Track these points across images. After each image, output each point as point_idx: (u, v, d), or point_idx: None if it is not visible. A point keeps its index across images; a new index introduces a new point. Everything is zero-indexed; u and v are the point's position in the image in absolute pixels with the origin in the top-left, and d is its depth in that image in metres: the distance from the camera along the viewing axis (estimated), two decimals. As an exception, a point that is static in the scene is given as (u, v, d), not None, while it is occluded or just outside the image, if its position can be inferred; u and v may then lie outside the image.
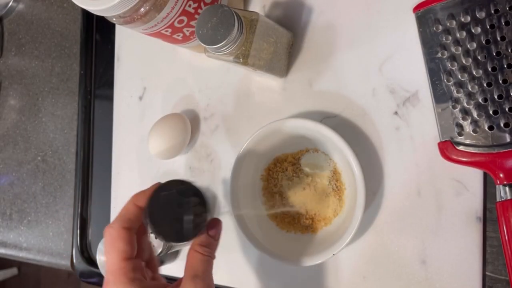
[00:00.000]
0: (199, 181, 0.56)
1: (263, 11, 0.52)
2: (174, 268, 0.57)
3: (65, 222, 0.69)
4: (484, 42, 0.39)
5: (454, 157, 0.40)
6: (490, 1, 0.39)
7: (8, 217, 0.75)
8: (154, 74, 0.61)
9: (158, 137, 0.53)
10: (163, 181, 0.38)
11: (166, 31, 0.46)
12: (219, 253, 0.53)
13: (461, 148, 0.40)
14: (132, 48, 0.63)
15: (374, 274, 0.46)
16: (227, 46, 0.41)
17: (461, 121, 0.40)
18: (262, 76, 0.49)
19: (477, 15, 0.40)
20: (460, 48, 0.40)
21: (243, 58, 0.43)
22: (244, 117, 0.53)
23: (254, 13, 0.43)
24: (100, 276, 0.62)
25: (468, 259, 0.41)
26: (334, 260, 0.45)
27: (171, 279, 0.55)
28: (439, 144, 0.41)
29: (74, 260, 0.66)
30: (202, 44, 0.41)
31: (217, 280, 0.54)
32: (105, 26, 0.66)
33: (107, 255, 0.35)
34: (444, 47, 0.41)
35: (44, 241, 0.71)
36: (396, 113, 0.45)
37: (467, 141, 0.40)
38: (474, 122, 0.40)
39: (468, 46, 0.40)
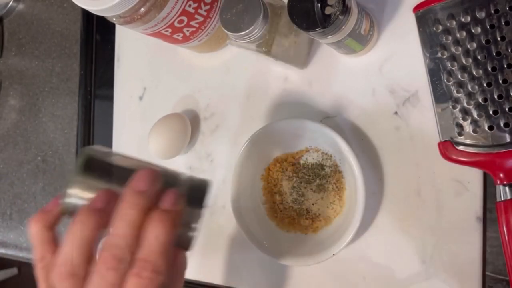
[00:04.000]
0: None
1: None
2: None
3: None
4: (484, 42, 0.39)
5: (454, 157, 0.40)
6: (490, 1, 0.39)
7: (8, 217, 0.75)
8: (154, 74, 0.61)
9: (158, 137, 0.53)
10: None
11: (166, 31, 0.46)
12: (219, 253, 0.53)
13: (461, 148, 0.40)
14: (132, 48, 0.63)
15: (374, 274, 0.45)
16: (251, 35, 0.40)
17: (461, 121, 0.40)
18: (281, 66, 0.49)
19: (477, 15, 0.40)
20: (460, 48, 0.40)
21: (266, 47, 0.42)
22: (244, 117, 0.53)
23: (281, 1, 0.43)
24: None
25: (468, 259, 0.41)
26: (334, 260, 0.45)
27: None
28: (439, 144, 0.41)
29: (74, 260, 0.66)
30: (224, 30, 0.41)
31: (217, 280, 0.54)
32: (105, 26, 0.66)
33: None
34: (444, 47, 0.41)
35: (44, 241, 0.71)
36: (396, 113, 0.45)
37: (467, 141, 0.40)
38: (474, 122, 0.40)
39: (468, 46, 0.40)
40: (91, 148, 0.31)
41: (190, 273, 0.56)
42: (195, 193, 0.31)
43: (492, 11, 0.39)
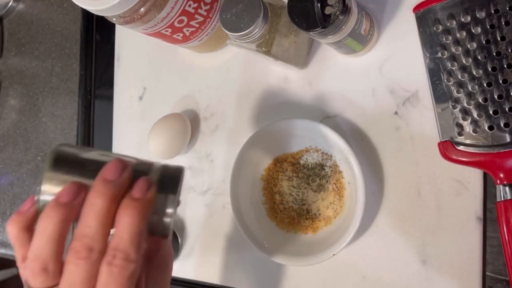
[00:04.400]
0: (199, 181, 0.56)
1: None
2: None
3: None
4: (484, 42, 0.39)
5: (454, 157, 0.40)
6: (490, 1, 0.39)
7: (8, 217, 0.75)
8: (154, 74, 0.61)
9: (158, 137, 0.53)
10: None
11: (166, 31, 0.46)
12: (219, 253, 0.53)
13: (461, 148, 0.40)
14: (132, 48, 0.63)
15: (374, 274, 0.45)
16: (250, 35, 0.40)
17: (461, 121, 0.40)
18: (281, 67, 0.49)
19: (477, 15, 0.40)
20: (460, 48, 0.40)
21: (266, 47, 0.42)
22: (244, 117, 0.53)
23: (281, 1, 0.43)
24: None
25: (468, 259, 0.41)
26: (334, 260, 0.45)
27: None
28: (439, 144, 0.41)
29: (74, 260, 0.66)
30: (224, 30, 0.41)
31: (217, 280, 0.54)
32: (105, 26, 0.66)
33: None
34: (444, 47, 0.41)
35: (44, 241, 0.71)
36: (396, 113, 0.45)
37: (467, 141, 0.40)
38: (474, 122, 0.40)
39: (468, 46, 0.40)
40: (62, 144, 0.31)
41: (190, 273, 0.56)
42: (169, 180, 0.31)
43: (492, 11, 0.39)
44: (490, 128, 0.39)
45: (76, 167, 0.30)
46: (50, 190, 0.30)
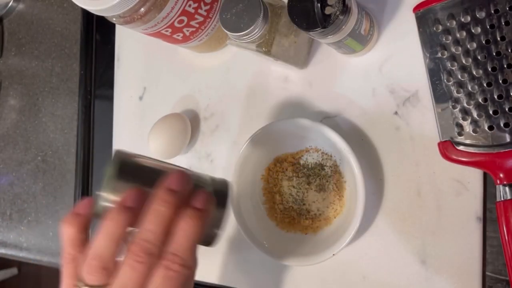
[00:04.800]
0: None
1: None
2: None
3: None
4: (484, 42, 0.39)
5: (454, 157, 0.40)
6: (490, 1, 0.39)
7: (8, 217, 0.75)
8: (154, 74, 0.61)
9: (158, 137, 0.53)
10: None
11: (166, 31, 0.46)
12: (219, 253, 0.53)
13: (461, 148, 0.40)
14: (132, 48, 0.63)
15: (374, 274, 0.45)
16: (250, 35, 0.40)
17: (461, 121, 0.40)
18: (281, 67, 0.49)
19: (477, 15, 0.40)
20: (460, 48, 0.40)
21: (266, 47, 0.42)
22: (244, 117, 0.53)
23: (281, 1, 0.43)
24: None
25: (468, 259, 0.41)
26: (334, 260, 0.45)
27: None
28: (439, 144, 0.41)
29: (74, 260, 0.66)
30: (224, 30, 0.41)
31: (217, 280, 0.54)
32: (105, 26, 0.66)
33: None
34: (444, 47, 0.41)
35: (44, 241, 0.71)
36: (396, 113, 0.45)
37: (467, 141, 0.40)
38: (474, 122, 0.40)
39: (468, 46, 0.40)
40: (121, 151, 0.32)
41: (190, 273, 0.56)
42: (220, 194, 0.32)
43: (492, 11, 0.39)
44: (490, 128, 0.39)
45: (136, 175, 0.32)
46: (110, 197, 0.31)
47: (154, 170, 0.32)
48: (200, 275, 0.55)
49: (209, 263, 0.54)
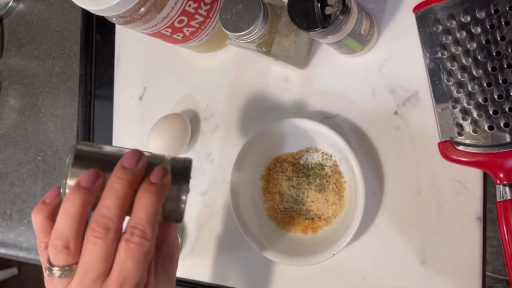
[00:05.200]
0: (199, 181, 0.56)
1: None
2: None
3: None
4: (484, 42, 0.39)
5: (454, 157, 0.40)
6: (490, 1, 0.39)
7: (8, 217, 0.75)
8: (154, 74, 0.61)
9: (158, 137, 0.53)
10: None
11: (166, 31, 0.46)
12: (219, 253, 0.53)
13: (461, 148, 0.40)
14: (132, 48, 0.63)
15: (374, 274, 0.45)
16: (250, 35, 0.40)
17: (461, 121, 0.40)
18: (281, 67, 0.49)
19: (477, 15, 0.40)
20: (460, 48, 0.40)
21: (266, 47, 0.42)
22: (244, 117, 0.53)
23: (281, 1, 0.43)
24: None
25: (468, 259, 0.41)
26: (334, 260, 0.45)
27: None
28: (439, 144, 0.41)
29: (74, 260, 0.66)
30: (224, 30, 0.41)
31: (217, 280, 0.54)
32: (105, 26, 0.66)
33: (136, 267, 0.31)
34: (444, 47, 0.41)
35: (44, 241, 0.71)
36: (396, 113, 0.45)
37: (467, 141, 0.40)
38: (474, 122, 0.40)
39: (468, 46, 0.40)
40: (79, 142, 0.34)
41: (190, 273, 0.56)
42: (180, 170, 0.34)
43: (492, 11, 0.39)
44: (490, 128, 0.39)
45: (96, 160, 0.33)
46: (72, 183, 0.32)
47: (113, 155, 0.33)
48: (200, 275, 0.55)
49: (209, 263, 0.54)
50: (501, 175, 0.39)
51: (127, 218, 0.32)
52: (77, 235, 0.30)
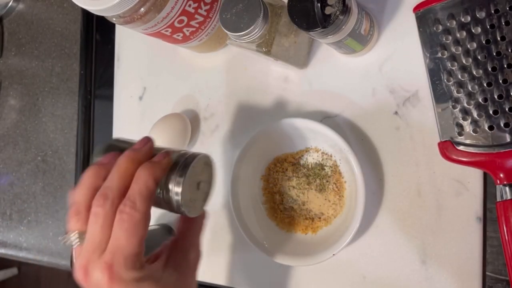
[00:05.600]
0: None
1: None
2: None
3: (65, 222, 0.69)
4: (484, 42, 0.39)
5: (454, 157, 0.40)
6: (490, 1, 0.39)
7: (8, 217, 0.75)
8: (154, 74, 0.61)
9: (158, 137, 0.53)
10: None
11: (166, 31, 0.46)
12: (219, 253, 0.53)
13: (461, 148, 0.40)
14: (132, 48, 0.63)
15: (374, 274, 0.45)
16: (250, 35, 0.40)
17: (461, 121, 0.40)
18: (281, 67, 0.49)
19: (477, 15, 0.40)
20: (460, 48, 0.40)
21: (266, 47, 0.42)
22: (244, 117, 0.53)
23: (281, 1, 0.43)
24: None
25: (468, 259, 0.41)
26: (334, 260, 0.45)
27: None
28: (439, 144, 0.41)
29: (74, 260, 0.66)
30: (224, 30, 0.41)
31: (217, 280, 0.54)
32: (105, 26, 0.66)
33: (127, 239, 0.32)
34: (444, 47, 0.41)
35: (44, 241, 0.71)
36: (396, 113, 0.45)
37: (467, 141, 0.40)
38: (474, 122, 0.40)
39: (468, 46, 0.40)
40: (112, 138, 0.38)
41: (190, 273, 0.56)
42: (183, 164, 0.35)
43: (492, 11, 0.39)
44: (490, 128, 0.39)
45: (118, 150, 0.36)
46: None
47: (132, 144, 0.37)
48: (201, 275, 0.55)
49: (209, 263, 0.54)
50: (501, 175, 0.39)
51: None
52: (86, 202, 0.33)
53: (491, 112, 0.39)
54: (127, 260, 0.31)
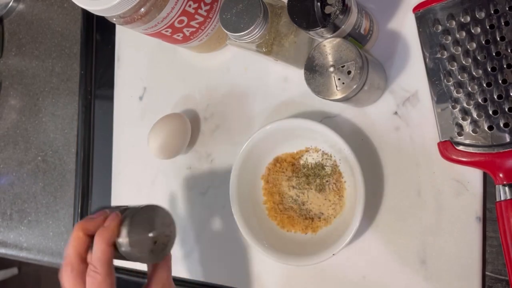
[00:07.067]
0: (199, 181, 0.56)
1: None
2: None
3: (65, 222, 0.69)
4: (483, 42, 0.39)
5: (454, 157, 0.40)
6: (490, 1, 0.39)
7: (9, 217, 0.75)
8: (154, 74, 0.61)
9: (158, 137, 0.53)
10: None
11: (166, 31, 0.46)
12: (219, 253, 0.53)
13: (460, 148, 0.40)
14: (132, 48, 0.63)
15: (374, 274, 0.46)
16: (250, 35, 0.40)
17: (460, 121, 0.40)
18: (281, 67, 0.49)
19: (477, 15, 0.40)
20: (459, 48, 0.40)
21: (266, 47, 0.42)
22: (244, 117, 0.54)
23: (281, 1, 0.43)
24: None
25: (468, 259, 0.41)
26: (334, 260, 0.45)
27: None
28: (439, 144, 0.41)
29: (74, 260, 0.66)
30: (224, 30, 0.41)
31: (217, 280, 0.54)
32: (106, 26, 0.66)
33: None
34: (444, 47, 0.41)
35: (44, 241, 0.71)
36: (396, 113, 0.45)
37: (467, 141, 0.40)
38: (474, 122, 0.40)
39: (468, 46, 0.40)
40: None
41: (190, 273, 0.56)
42: (138, 219, 0.39)
43: (492, 11, 0.39)
44: (490, 128, 0.39)
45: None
46: None
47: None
48: (201, 275, 0.55)
49: (209, 263, 0.54)
50: (500, 175, 0.39)
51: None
52: (80, 261, 0.39)
53: (490, 112, 0.39)
54: None
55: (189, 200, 0.57)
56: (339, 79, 0.39)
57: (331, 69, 0.39)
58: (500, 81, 0.39)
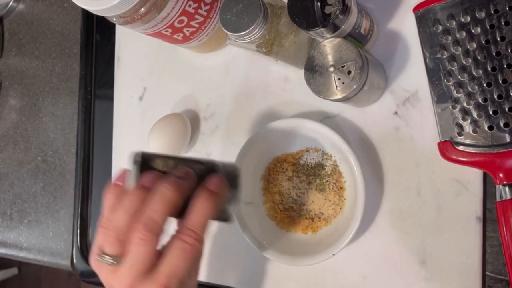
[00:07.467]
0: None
1: None
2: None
3: (65, 222, 0.69)
4: (484, 42, 0.39)
5: (454, 157, 0.40)
6: (490, 1, 0.39)
7: (8, 217, 0.75)
8: (154, 74, 0.61)
9: (158, 137, 0.53)
10: None
11: (166, 31, 0.46)
12: (219, 253, 0.53)
13: (461, 148, 0.40)
14: (132, 48, 0.63)
15: (374, 274, 0.46)
16: (250, 35, 0.40)
17: (461, 121, 0.40)
18: (281, 67, 0.49)
19: (477, 15, 0.40)
20: (460, 48, 0.40)
21: (266, 47, 0.42)
22: (244, 117, 0.54)
23: (281, 1, 0.43)
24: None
25: (468, 259, 0.41)
26: (334, 260, 0.45)
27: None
28: (439, 144, 0.41)
29: (75, 260, 0.66)
30: (224, 30, 0.41)
31: (217, 280, 0.54)
32: (106, 26, 0.66)
33: (186, 266, 0.34)
34: (444, 47, 0.41)
35: (44, 241, 0.71)
36: (396, 113, 0.45)
37: (467, 141, 0.40)
38: (474, 122, 0.40)
39: (468, 46, 0.40)
40: (141, 151, 0.37)
41: (190, 273, 0.56)
42: (231, 178, 0.37)
43: (492, 11, 0.39)
44: (490, 128, 0.39)
45: (158, 165, 0.37)
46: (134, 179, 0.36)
47: (174, 159, 0.37)
48: (200, 275, 0.55)
49: (209, 263, 0.54)
50: (500, 175, 0.39)
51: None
52: (129, 229, 0.33)
53: (490, 112, 0.39)
54: (182, 284, 0.33)
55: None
56: (339, 79, 0.39)
57: (331, 69, 0.39)
58: (500, 81, 0.39)
